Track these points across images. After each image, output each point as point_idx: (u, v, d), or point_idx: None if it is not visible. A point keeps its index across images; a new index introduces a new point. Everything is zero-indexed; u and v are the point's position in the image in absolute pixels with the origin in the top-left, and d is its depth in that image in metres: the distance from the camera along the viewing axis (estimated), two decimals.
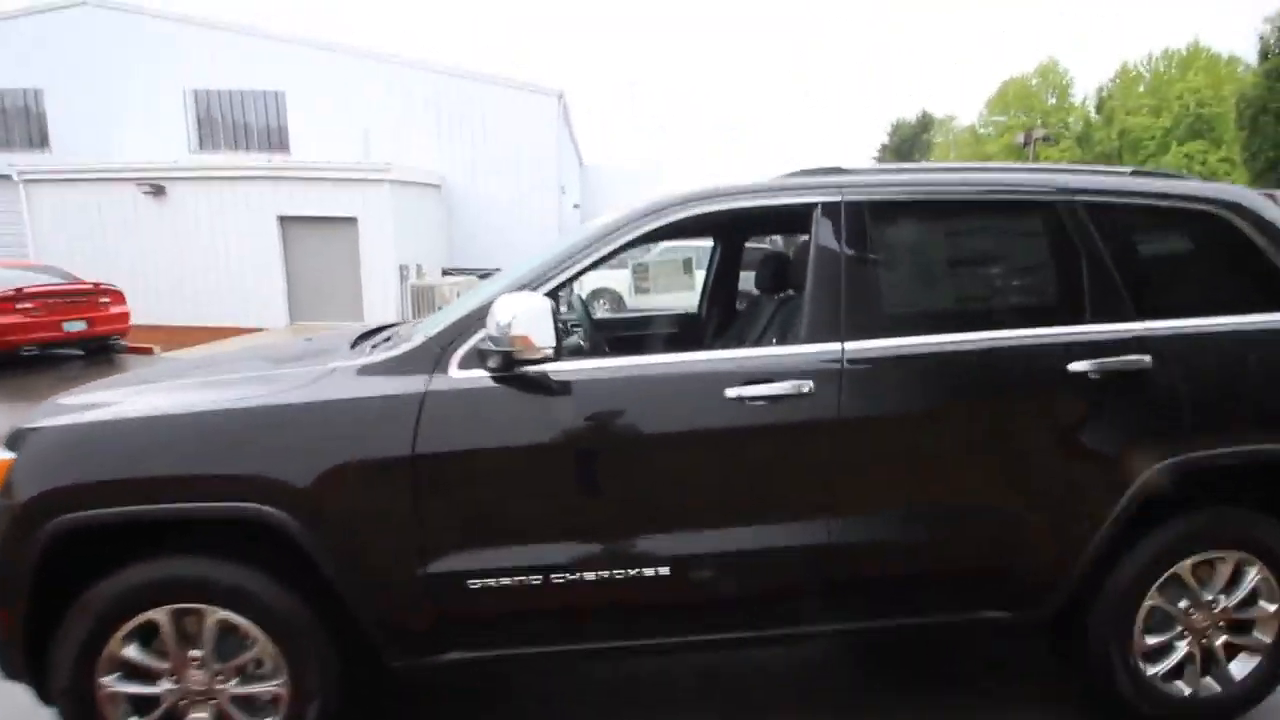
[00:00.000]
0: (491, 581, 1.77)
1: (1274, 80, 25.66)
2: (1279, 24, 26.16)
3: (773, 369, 1.88)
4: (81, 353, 9.60)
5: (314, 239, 12.39)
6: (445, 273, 14.05)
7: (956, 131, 51.54)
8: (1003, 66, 70.91)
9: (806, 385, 1.83)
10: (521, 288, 1.86)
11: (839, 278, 1.94)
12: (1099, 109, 44.15)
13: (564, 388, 1.82)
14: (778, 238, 7.67)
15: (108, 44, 15.27)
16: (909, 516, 1.94)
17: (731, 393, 1.82)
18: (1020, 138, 24.35)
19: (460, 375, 1.79)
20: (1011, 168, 2.30)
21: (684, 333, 3.63)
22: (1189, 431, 1.95)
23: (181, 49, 15.36)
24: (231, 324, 11.80)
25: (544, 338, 1.68)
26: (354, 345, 2.18)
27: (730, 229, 3.37)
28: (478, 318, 1.81)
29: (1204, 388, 1.98)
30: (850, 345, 1.90)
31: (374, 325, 2.73)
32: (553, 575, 1.79)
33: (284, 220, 12.42)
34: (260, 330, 11.81)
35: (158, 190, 12.39)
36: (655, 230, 1.97)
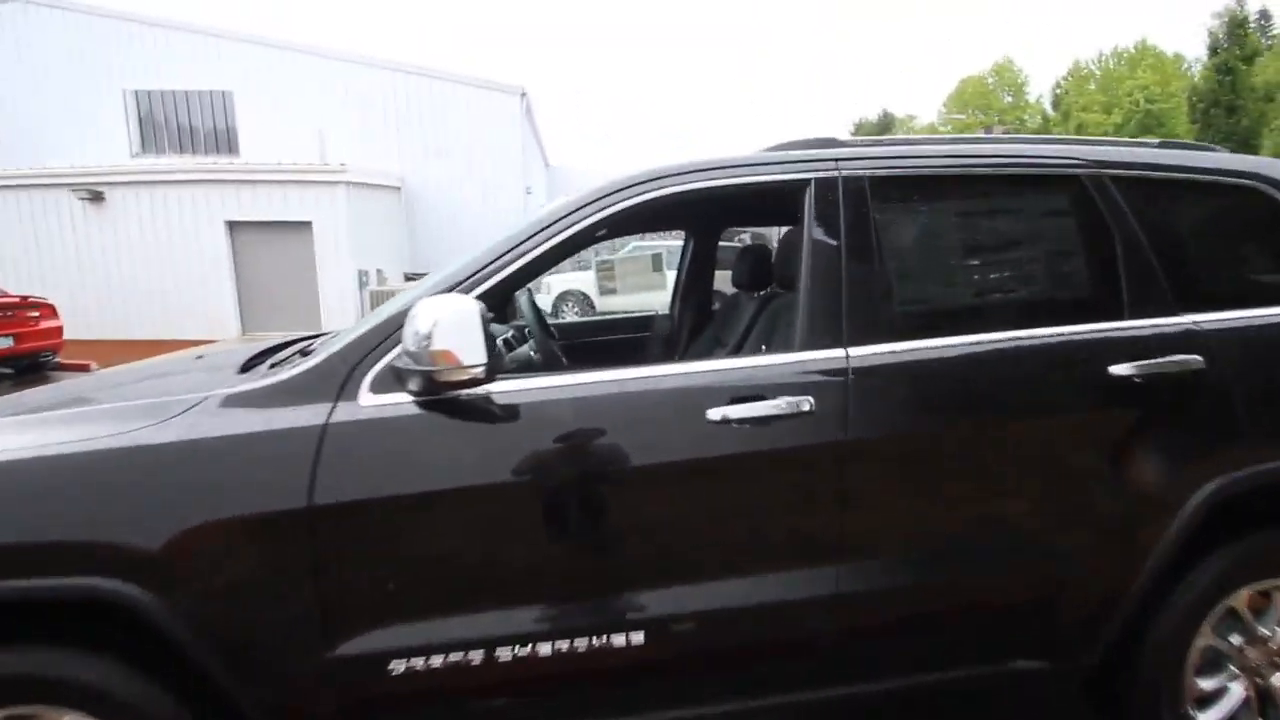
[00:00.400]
0: (419, 662, 1.39)
1: (1224, 74, 26.39)
2: (1227, 20, 26.93)
3: (763, 383, 1.54)
4: (10, 371, 8.91)
5: (266, 245, 11.78)
6: (408, 278, 13.52)
7: (917, 130, 52.30)
8: (951, 72, 72.37)
9: (806, 402, 1.50)
10: (449, 289, 1.50)
11: (838, 269, 1.61)
12: (1055, 105, 45.12)
13: (508, 413, 1.46)
14: (746, 236, 7.41)
15: (43, 43, 14.40)
16: (931, 555, 1.62)
17: (714, 414, 1.48)
18: (981, 133, 24.60)
19: (373, 402, 1.42)
20: (1028, 138, 2.00)
21: (655, 339, 3.28)
22: (1248, 442, 1.67)
23: (122, 48, 14.55)
24: (178, 336, 11.12)
25: (472, 353, 1.31)
26: (246, 367, 1.78)
27: (704, 217, 3.03)
28: (393, 328, 1.44)
29: (1264, 391, 1.69)
30: (855, 351, 1.57)
31: (292, 336, 2.32)
32: (498, 649, 1.43)
33: (233, 225, 11.80)
34: (209, 342, 11.16)
35: (96, 196, 11.66)
36: (615, 215, 1.61)
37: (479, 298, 1.44)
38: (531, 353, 2.09)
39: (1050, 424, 1.65)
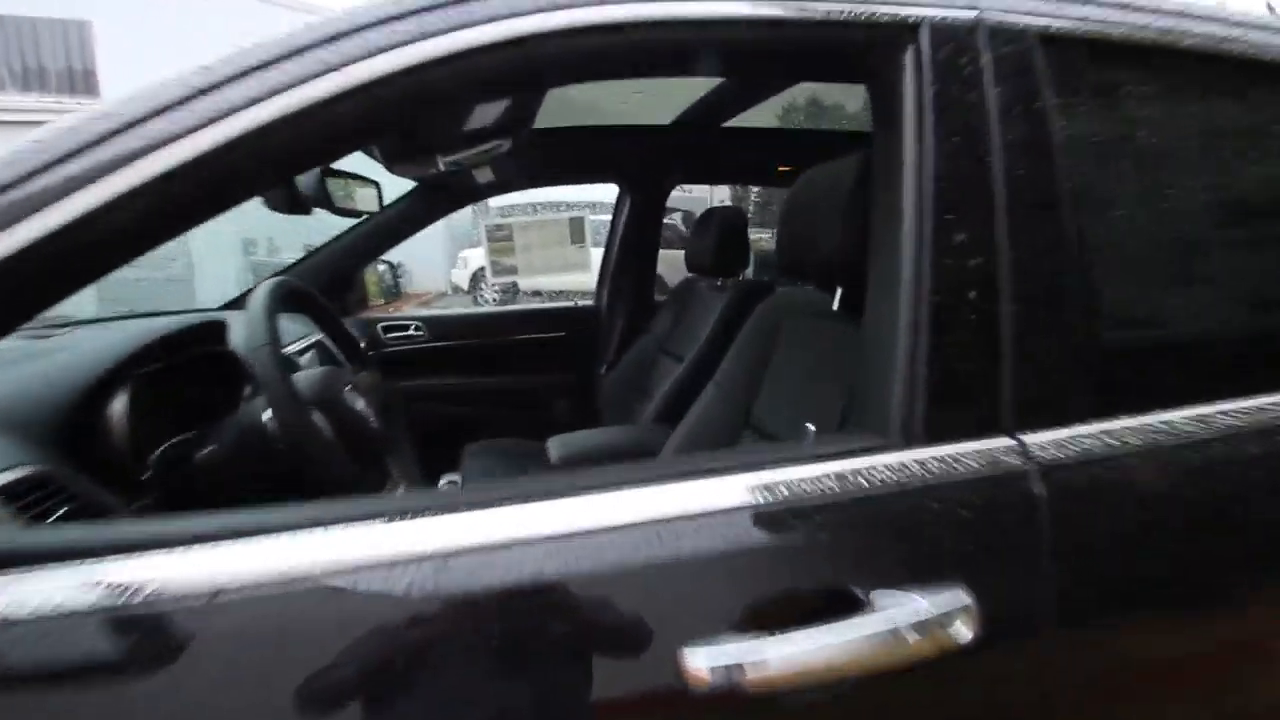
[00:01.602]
0: None
1: None
2: None
3: (811, 544, 0.58)
4: None
5: None
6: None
7: None
8: None
9: (955, 608, 0.55)
10: None
11: (986, 239, 0.66)
12: None
13: None
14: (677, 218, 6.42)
15: None
16: None
17: (698, 662, 0.51)
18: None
19: None
20: None
21: (574, 345, 2.29)
22: None
23: None
24: None
25: None
26: None
27: (640, 152, 2.05)
28: None
29: None
30: (1043, 439, 0.63)
31: None
32: None
33: None
34: None
35: None
36: (379, 90, 0.57)
37: None
38: (267, 420, 0.96)
39: None
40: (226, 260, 10.43)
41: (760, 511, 0.58)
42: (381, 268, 2.51)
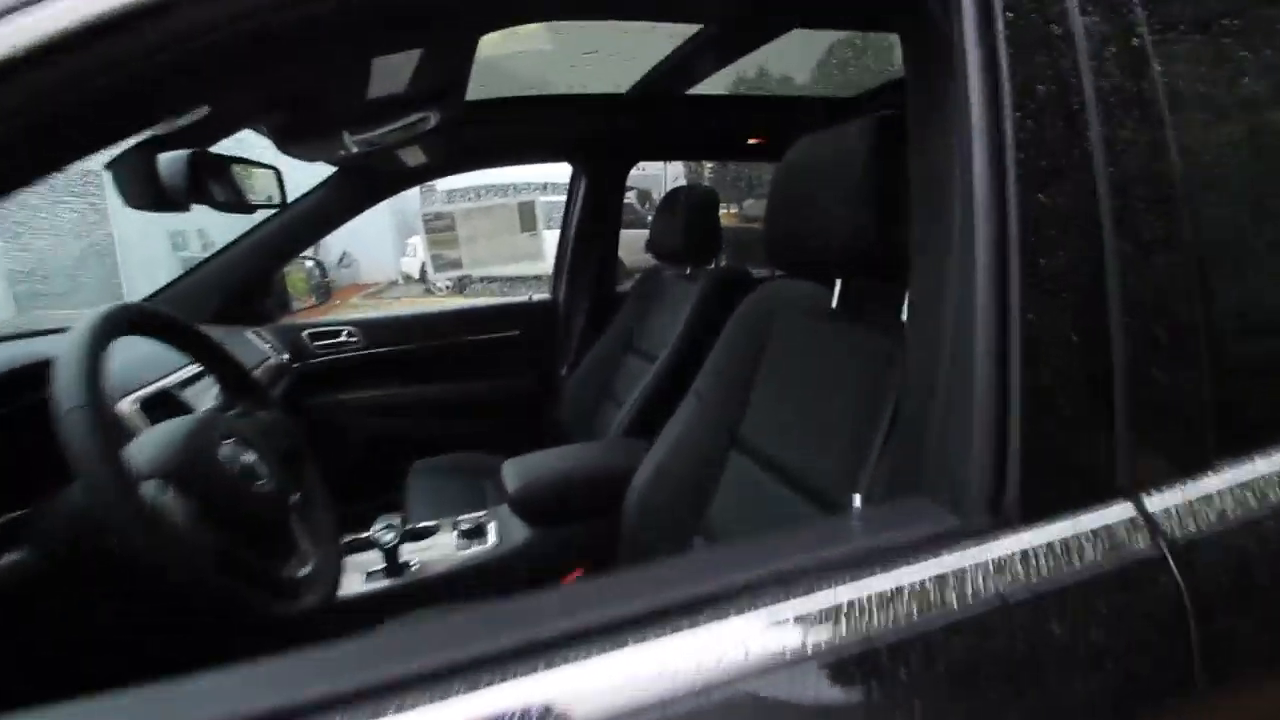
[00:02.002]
0: None
1: None
2: None
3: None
4: None
5: (36, 198, 9.16)
6: None
7: None
8: None
9: None
10: None
11: (1095, 216, 0.47)
12: None
13: None
14: (632, 196, 6.20)
15: None
16: None
17: None
18: None
19: None
20: None
21: (528, 346, 2.07)
22: None
23: None
24: None
25: None
26: None
27: (604, 135, 1.83)
28: None
29: None
30: (1167, 500, 0.46)
31: None
32: None
33: None
34: None
35: None
36: None
37: None
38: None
39: None
40: (156, 252, 9.80)
41: (798, 665, 0.38)
42: (309, 264, 2.22)
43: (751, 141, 2.02)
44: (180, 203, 1.03)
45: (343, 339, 1.94)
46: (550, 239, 2.02)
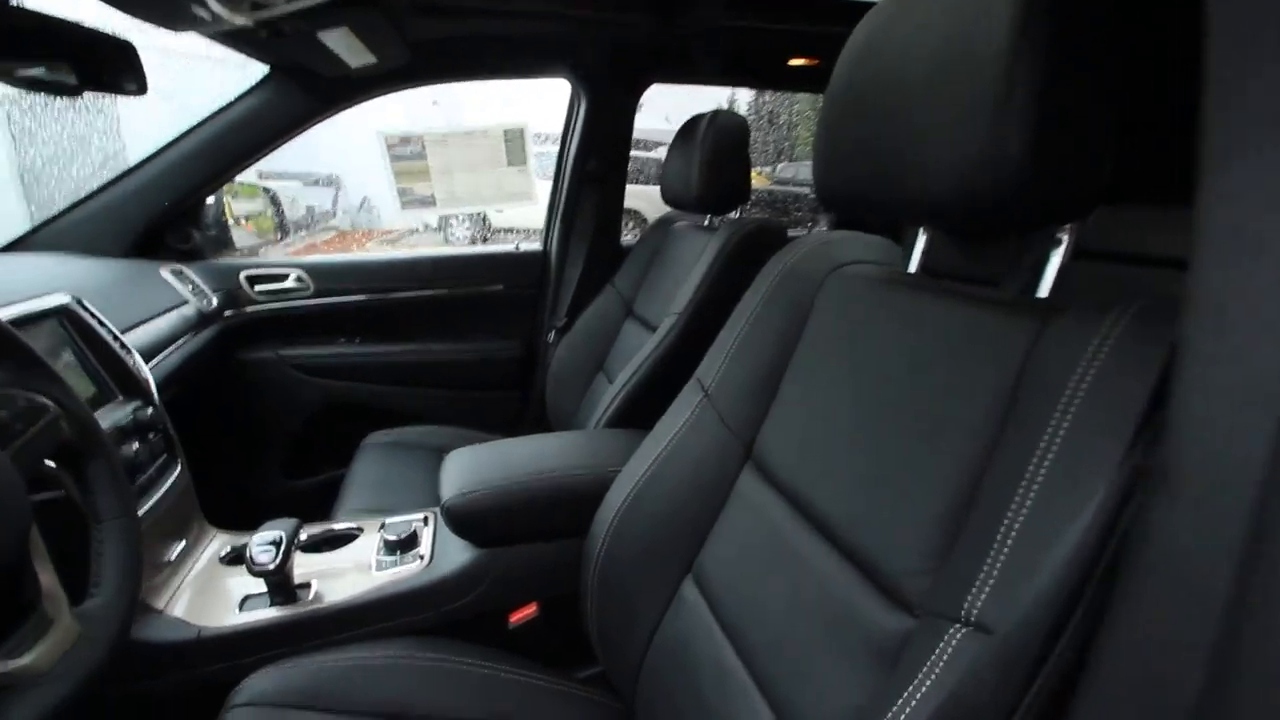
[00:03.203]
0: None
1: None
2: None
3: None
4: None
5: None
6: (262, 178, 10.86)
7: None
8: None
9: None
10: None
11: None
12: None
13: None
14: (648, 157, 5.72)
15: None
16: None
17: None
18: None
19: None
20: None
21: (512, 303, 1.75)
22: None
23: None
24: None
25: None
26: None
27: (615, 47, 1.46)
28: None
29: None
30: None
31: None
32: None
33: None
34: None
35: None
36: None
37: None
38: None
39: None
40: None
41: None
42: (260, 197, 1.85)
43: (797, 63, 1.63)
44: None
45: (289, 284, 1.62)
46: (542, 183, 1.67)
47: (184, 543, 0.97)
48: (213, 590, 0.91)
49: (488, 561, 0.93)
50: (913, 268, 0.66)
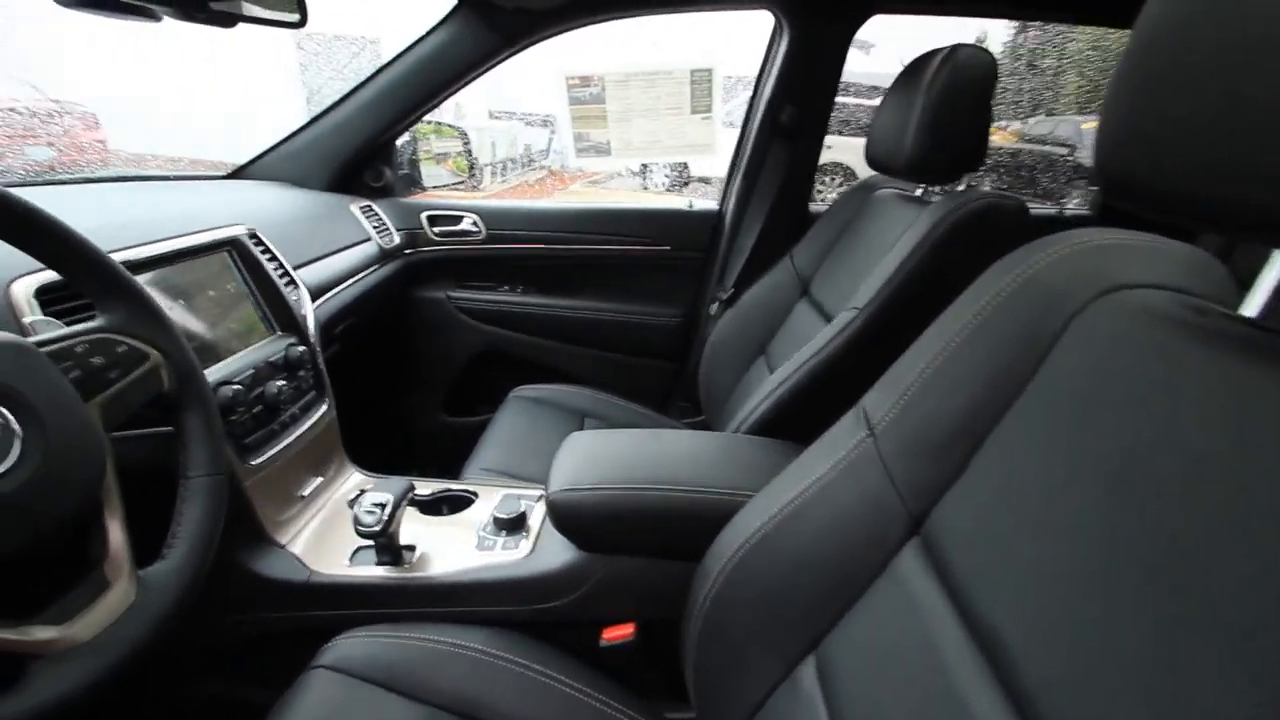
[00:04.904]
0: None
1: None
2: None
3: None
4: None
5: None
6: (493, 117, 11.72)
7: None
8: None
9: None
10: None
11: None
12: None
13: None
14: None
15: None
16: None
17: None
18: None
19: None
20: None
21: (671, 268, 1.62)
22: None
23: None
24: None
25: None
26: None
27: None
28: None
29: None
30: None
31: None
32: None
33: None
34: None
35: None
36: None
37: None
38: None
39: None
40: None
41: None
42: (458, 137, 1.86)
43: None
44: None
45: (464, 226, 1.63)
46: (724, 133, 1.48)
47: (320, 479, 0.99)
48: (333, 534, 0.92)
49: (588, 566, 0.83)
50: (1252, 310, 0.40)
